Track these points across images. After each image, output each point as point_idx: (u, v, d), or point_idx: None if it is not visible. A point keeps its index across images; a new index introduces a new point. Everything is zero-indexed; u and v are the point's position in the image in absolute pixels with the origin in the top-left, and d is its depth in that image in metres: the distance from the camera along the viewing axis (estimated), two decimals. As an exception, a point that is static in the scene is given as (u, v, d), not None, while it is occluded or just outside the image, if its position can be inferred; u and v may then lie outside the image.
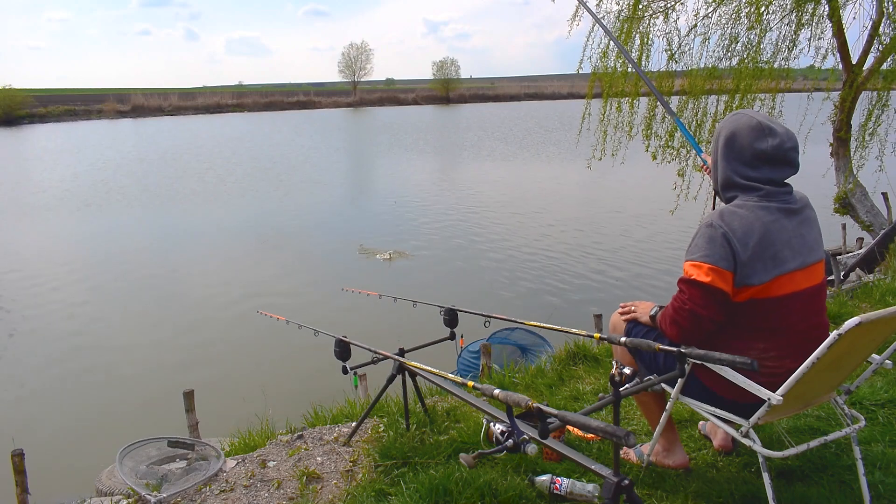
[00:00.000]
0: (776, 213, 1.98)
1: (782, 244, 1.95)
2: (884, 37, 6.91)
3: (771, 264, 1.93)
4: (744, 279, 1.93)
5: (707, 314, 1.95)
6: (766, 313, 1.97)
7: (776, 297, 1.95)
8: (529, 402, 1.59)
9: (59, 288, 11.02)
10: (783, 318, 1.98)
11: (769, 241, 1.94)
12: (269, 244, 13.62)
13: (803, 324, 2.00)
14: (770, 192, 1.99)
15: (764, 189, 1.99)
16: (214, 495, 2.48)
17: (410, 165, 26.81)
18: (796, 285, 1.96)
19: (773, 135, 1.99)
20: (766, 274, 1.93)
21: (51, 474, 5.24)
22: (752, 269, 1.92)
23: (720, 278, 1.92)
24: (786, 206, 2.00)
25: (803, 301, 1.99)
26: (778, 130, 2.01)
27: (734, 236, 1.93)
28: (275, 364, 7.66)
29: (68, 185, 21.74)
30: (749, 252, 1.92)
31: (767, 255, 1.93)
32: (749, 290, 1.94)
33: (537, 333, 5.69)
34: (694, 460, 2.47)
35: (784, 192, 2.02)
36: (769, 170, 1.99)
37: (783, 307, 1.97)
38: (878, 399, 2.86)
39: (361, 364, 2.64)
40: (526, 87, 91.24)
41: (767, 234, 1.94)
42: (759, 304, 1.96)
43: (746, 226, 1.94)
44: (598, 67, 8.05)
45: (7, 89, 58.18)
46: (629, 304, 2.35)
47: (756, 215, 1.96)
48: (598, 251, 12.28)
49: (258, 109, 68.81)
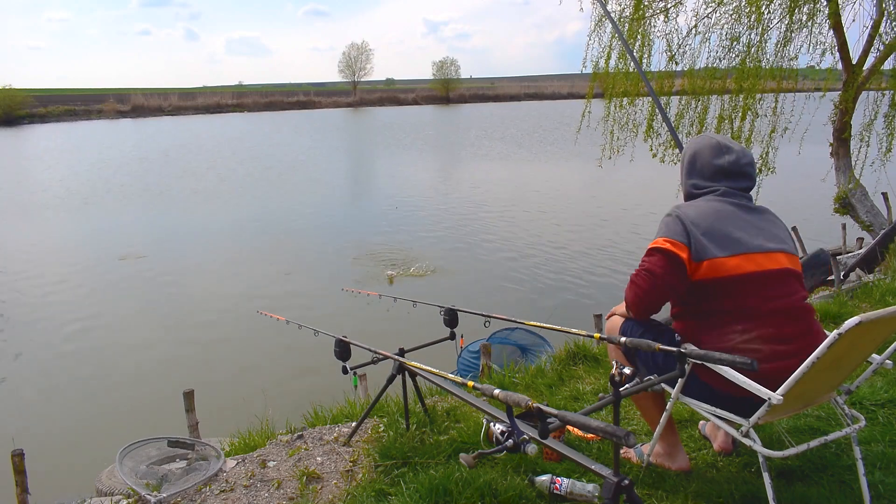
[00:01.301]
0: (731, 206, 2.14)
1: (736, 228, 2.09)
2: (884, 36, 6.92)
3: (726, 242, 2.06)
4: (700, 254, 2.04)
5: (662, 274, 2.06)
6: (732, 293, 2.05)
7: (737, 276, 2.04)
8: (529, 402, 1.59)
9: (59, 287, 11.02)
10: (749, 297, 2.04)
11: (722, 224, 2.09)
12: (270, 244, 13.62)
13: (774, 303, 2.05)
14: (727, 192, 2.18)
15: (721, 189, 2.18)
16: (214, 495, 2.48)
17: (410, 165, 26.82)
18: (757, 265, 2.06)
19: (730, 152, 2.21)
20: (721, 251, 2.04)
21: (51, 474, 5.24)
22: (706, 245, 2.05)
23: (676, 247, 2.06)
24: (741, 202, 2.17)
25: (768, 281, 2.06)
26: (734, 148, 2.23)
27: (688, 219, 2.10)
28: (275, 364, 7.66)
29: (69, 185, 21.75)
30: (702, 230, 2.07)
31: (720, 234, 2.07)
32: (707, 265, 2.04)
33: (537, 333, 5.69)
34: (694, 460, 2.47)
35: (741, 195, 2.18)
36: (727, 182, 2.19)
37: (747, 286, 2.04)
38: (878, 399, 2.86)
39: (361, 364, 2.64)
40: (526, 87, 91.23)
41: (720, 218, 2.10)
42: (722, 284, 2.05)
43: (700, 212, 2.12)
44: (601, 67, 8.07)
45: (7, 89, 58.19)
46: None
47: (710, 205, 2.15)
48: (598, 251, 12.28)
49: (258, 109, 68.80)
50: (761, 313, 2.03)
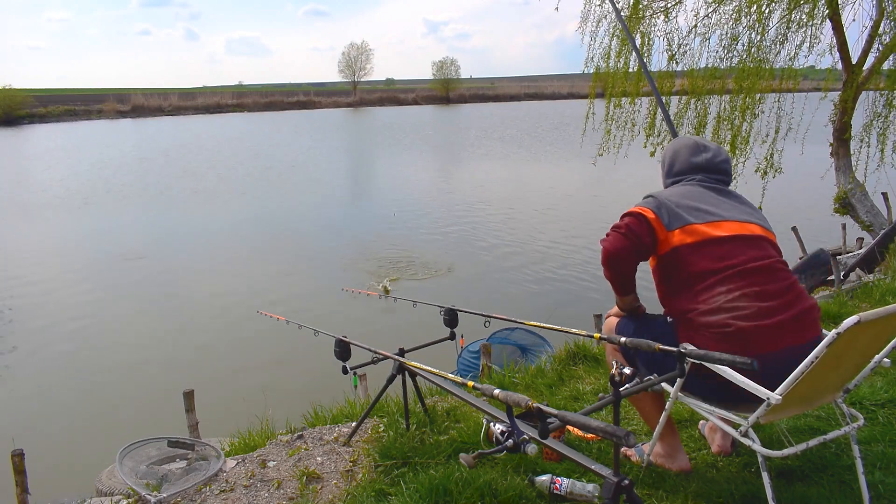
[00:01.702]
0: (704, 188, 2.29)
1: (708, 204, 2.21)
2: (884, 36, 6.92)
3: (699, 213, 2.17)
4: (673, 223, 2.16)
5: (629, 229, 2.17)
6: (710, 254, 2.11)
7: (713, 238, 2.13)
8: (529, 402, 1.59)
9: (59, 287, 11.02)
10: (727, 258, 2.10)
11: (695, 200, 2.22)
12: (269, 244, 13.62)
13: (753, 263, 2.10)
14: (703, 179, 2.32)
15: (697, 178, 2.33)
16: (214, 495, 2.48)
17: (410, 165, 26.81)
18: (730, 230, 2.15)
19: (707, 150, 2.37)
20: (694, 218, 2.16)
21: (51, 474, 5.24)
22: (681, 214, 2.16)
23: (645, 211, 2.19)
24: (715, 186, 2.31)
25: (744, 244, 2.14)
26: (711, 147, 2.39)
27: (661, 195, 2.25)
28: (275, 364, 7.66)
29: (69, 185, 21.75)
30: (674, 202, 2.20)
31: (693, 207, 2.19)
32: (680, 231, 2.14)
33: (537, 333, 5.69)
34: (694, 460, 2.47)
35: (717, 182, 2.32)
36: (703, 174, 2.34)
37: (724, 246, 2.12)
38: (878, 399, 2.86)
39: (361, 364, 2.64)
40: (526, 87, 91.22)
41: (693, 196, 2.24)
42: (698, 247, 2.12)
43: (674, 191, 2.28)
44: (601, 67, 8.07)
45: (7, 89, 58.17)
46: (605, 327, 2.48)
47: (685, 188, 2.30)
48: (598, 251, 12.25)
49: (258, 109, 68.78)
50: (742, 272, 2.07)
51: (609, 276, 2.27)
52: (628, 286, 2.30)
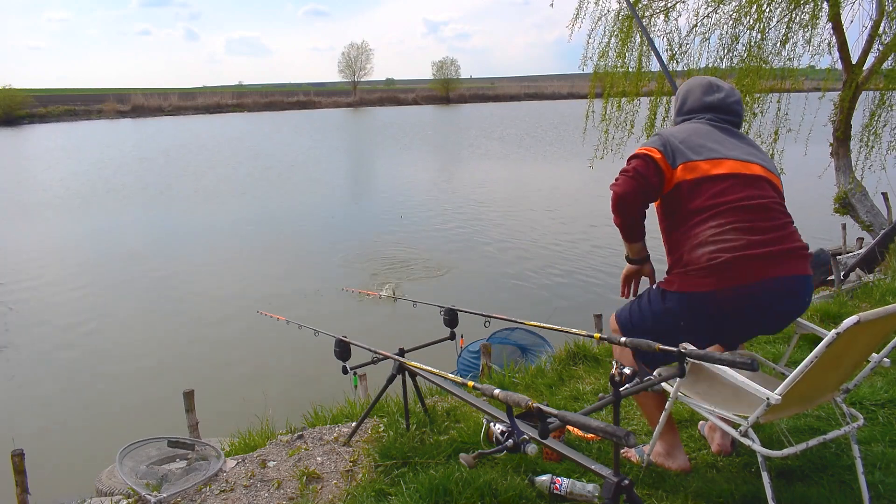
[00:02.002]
0: (712, 126, 2.29)
1: (713, 141, 2.22)
2: (884, 36, 6.92)
3: (701, 150, 2.19)
4: (675, 159, 2.17)
5: (636, 172, 2.16)
6: (706, 192, 2.13)
7: (712, 175, 2.15)
8: (529, 402, 1.59)
9: (59, 287, 11.02)
10: (722, 195, 2.13)
11: (699, 137, 2.23)
12: (270, 244, 13.62)
13: (748, 201, 2.13)
14: (712, 118, 2.33)
15: (707, 117, 2.33)
16: (214, 495, 2.48)
17: (410, 165, 26.82)
18: (730, 168, 2.17)
19: (720, 90, 2.37)
20: (695, 155, 2.17)
21: (51, 474, 5.25)
22: (683, 151, 2.18)
23: (651, 151, 2.19)
24: (724, 126, 2.31)
25: (742, 182, 2.16)
26: (724, 87, 2.39)
27: (666, 133, 2.27)
28: (275, 364, 7.66)
29: (69, 185, 21.75)
30: (679, 139, 2.21)
31: (696, 143, 2.20)
32: (682, 168, 2.16)
33: (537, 333, 5.69)
34: (694, 460, 2.47)
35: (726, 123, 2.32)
36: (714, 114, 2.34)
37: (721, 184, 2.14)
38: (877, 399, 2.86)
39: (361, 364, 2.64)
40: (526, 87, 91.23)
41: (699, 133, 2.25)
42: (696, 184, 2.15)
43: (680, 129, 2.29)
44: (600, 66, 8.06)
45: (7, 89, 58.19)
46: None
47: (692, 125, 2.31)
48: (598, 251, 12.27)
49: (258, 109, 68.78)
50: (736, 208, 2.11)
51: (619, 221, 2.29)
52: (637, 232, 2.33)
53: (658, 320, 2.23)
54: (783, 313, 2.19)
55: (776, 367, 2.44)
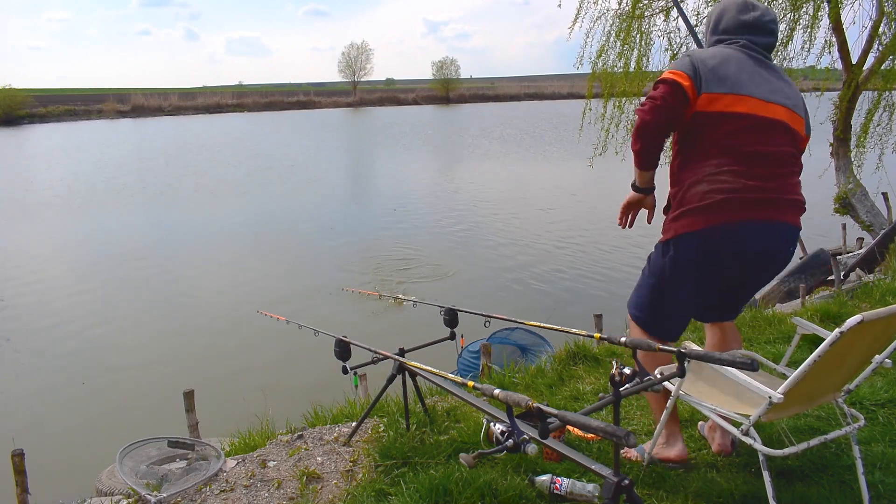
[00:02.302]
0: (744, 55, 2.24)
1: (742, 72, 2.18)
2: (883, 37, 6.91)
3: (726, 82, 2.15)
4: (700, 87, 2.14)
5: (664, 100, 2.15)
6: (717, 128, 2.15)
7: (726, 113, 2.15)
8: (529, 402, 1.59)
9: (59, 287, 11.02)
10: (731, 136, 2.15)
11: (728, 66, 2.18)
12: (270, 243, 13.61)
13: (754, 147, 2.15)
14: (746, 44, 2.26)
15: (742, 42, 2.26)
16: (214, 495, 2.48)
17: (410, 165, 26.81)
18: (749, 108, 2.16)
19: (756, 9, 2.30)
20: (718, 87, 2.15)
21: (51, 474, 5.24)
22: (708, 80, 2.14)
23: (679, 77, 2.15)
24: (757, 55, 2.25)
25: (756, 127, 2.17)
26: (759, 6, 2.33)
27: (697, 55, 2.21)
28: (275, 364, 7.66)
29: (69, 184, 21.74)
30: (708, 67, 2.16)
31: (723, 73, 2.16)
32: (704, 98, 2.15)
33: (537, 333, 5.68)
34: (694, 460, 2.47)
35: (760, 52, 2.27)
36: (749, 35, 2.28)
37: (732, 124, 2.15)
38: (878, 399, 2.86)
39: (361, 364, 2.64)
40: (526, 87, 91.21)
41: (728, 61, 2.19)
42: (710, 118, 2.16)
43: (712, 53, 2.23)
44: (597, 65, 8.05)
45: (7, 89, 58.14)
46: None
47: (725, 50, 2.24)
48: (598, 251, 12.27)
49: (258, 109, 68.77)
50: (738, 152, 2.13)
51: (638, 147, 2.27)
52: (653, 160, 2.32)
53: (662, 278, 2.31)
54: (764, 255, 2.23)
55: (777, 368, 2.44)
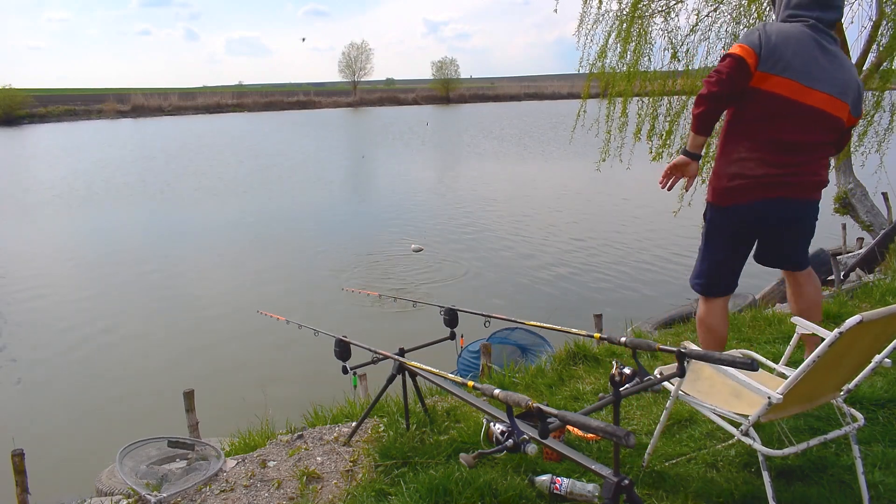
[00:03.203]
0: (812, 40, 2.42)
1: (797, 56, 2.38)
2: (883, 37, 6.91)
3: (782, 63, 2.37)
4: (764, 63, 2.37)
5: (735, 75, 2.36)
6: (762, 106, 2.41)
7: (771, 93, 2.39)
8: (529, 401, 1.59)
9: (59, 286, 11.02)
10: (772, 121, 2.41)
11: (788, 46, 2.38)
12: (270, 244, 13.61)
13: (787, 135, 2.43)
14: (815, 25, 2.44)
15: (811, 21, 2.44)
16: (214, 495, 2.48)
17: (410, 164, 26.81)
18: (794, 94, 2.38)
19: None
20: (773, 67, 2.37)
21: (51, 474, 5.24)
22: (766, 58, 2.36)
23: (745, 53, 2.37)
24: (823, 41, 2.43)
25: (795, 114, 2.41)
26: None
27: (765, 30, 2.41)
28: (275, 364, 7.66)
29: (70, 184, 21.75)
30: (772, 44, 2.37)
31: (781, 54, 2.37)
32: (764, 77, 2.37)
33: (537, 333, 5.69)
34: (694, 460, 2.47)
35: (826, 32, 2.45)
36: (820, 11, 2.45)
37: (776, 106, 2.40)
38: (878, 399, 2.86)
39: (361, 364, 2.64)
40: (526, 87, 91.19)
41: (789, 41, 2.39)
42: (758, 95, 2.40)
43: (781, 29, 2.42)
44: (597, 67, 8.04)
45: (7, 89, 58.13)
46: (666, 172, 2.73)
47: (795, 28, 2.43)
48: (598, 251, 12.27)
49: (258, 109, 68.77)
50: (776, 142, 2.43)
51: (700, 111, 2.46)
52: (709, 126, 2.51)
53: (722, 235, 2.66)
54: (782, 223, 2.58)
55: (777, 367, 2.44)
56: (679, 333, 4.48)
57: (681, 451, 2.54)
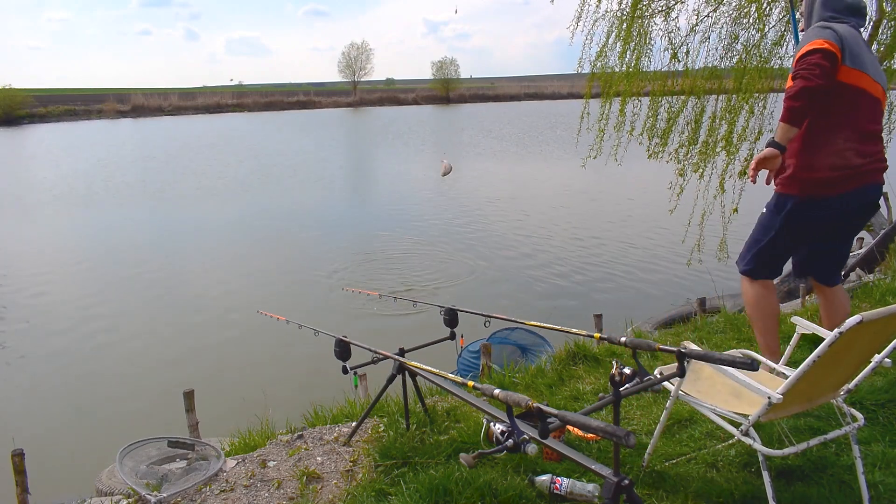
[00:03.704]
0: (859, 35, 2.71)
1: (863, 51, 2.67)
2: (883, 36, 6.91)
3: (857, 59, 2.61)
4: (844, 59, 2.57)
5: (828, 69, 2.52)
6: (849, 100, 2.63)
7: (857, 87, 2.62)
8: (529, 401, 1.59)
9: (59, 287, 11.02)
10: (858, 111, 2.65)
11: (857, 43, 2.65)
12: (270, 243, 13.61)
13: (868, 125, 2.70)
14: (855, 24, 2.73)
15: (853, 23, 2.72)
16: (214, 495, 2.48)
17: (410, 164, 26.79)
18: (868, 85, 2.65)
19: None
20: (853, 61, 2.59)
21: (51, 474, 5.24)
22: (847, 55, 2.58)
23: (832, 46, 2.54)
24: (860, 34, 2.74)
25: (870, 104, 2.69)
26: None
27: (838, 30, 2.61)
28: (275, 364, 7.66)
29: (69, 183, 21.74)
30: (847, 42, 2.59)
31: (856, 50, 2.61)
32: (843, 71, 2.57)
33: (537, 333, 5.68)
34: (694, 460, 2.47)
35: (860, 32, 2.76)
36: (855, 18, 2.73)
37: (859, 99, 2.65)
38: (878, 399, 2.86)
39: (361, 364, 2.64)
40: (526, 87, 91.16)
41: (856, 38, 2.67)
42: (846, 90, 2.61)
43: (846, 28, 2.65)
44: (597, 66, 8.03)
45: (7, 89, 58.12)
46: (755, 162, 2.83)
47: (848, 27, 2.67)
48: (598, 251, 12.27)
49: (258, 109, 68.74)
50: (859, 129, 2.66)
51: (800, 106, 2.55)
52: (803, 119, 2.61)
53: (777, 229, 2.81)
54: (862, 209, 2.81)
55: (776, 367, 2.44)
56: (679, 333, 4.48)
57: (681, 451, 2.54)
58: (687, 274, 9.56)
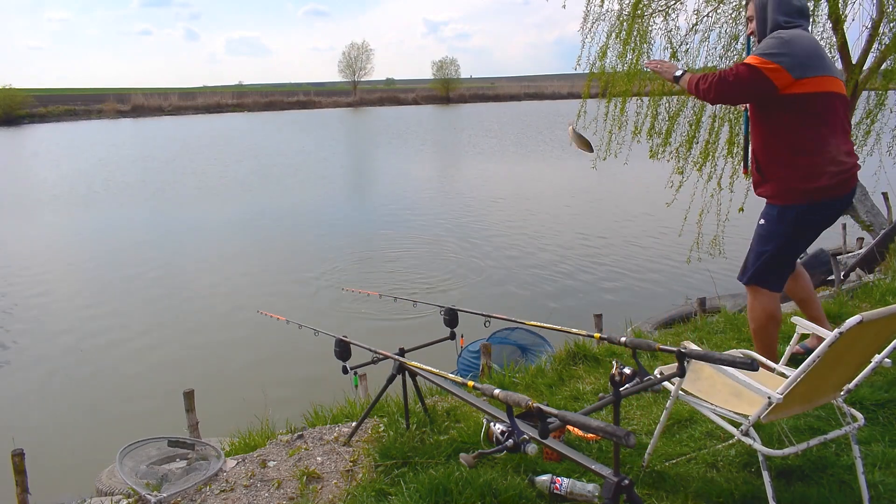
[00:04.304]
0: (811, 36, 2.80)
1: (817, 55, 2.74)
2: (884, 37, 6.91)
3: (816, 65, 2.69)
4: (802, 73, 2.66)
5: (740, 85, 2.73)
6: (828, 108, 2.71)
7: (828, 92, 2.71)
8: (529, 401, 1.59)
9: (59, 287, 11.02)
10: (834, 116, 2.72)
11: (811, 48, 2.73)
12: (270, 243, 13.61)
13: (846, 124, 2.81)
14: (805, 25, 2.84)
15: (805, 25, 2.83)
16: (214, 495, 2.48)
17: (410, 164, 26.80)
18: (835, 86, 2.74)
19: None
20: (813, 71, 2.67)
21: (51, 474, 5.24)
22: (805, 65, 2.66)
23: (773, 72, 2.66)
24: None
25: (843, 102, 2.80)
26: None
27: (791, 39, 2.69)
28: (275, 364, 7.66)
29: (69, 183, 21.75)
30: (802, 53, 2.68)
31: (813, 55, 2.70)
32: (805, 82, 2.65)
33: (537, 333, 5.68)
34: (694, 460, 2.47)
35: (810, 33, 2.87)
36: (803, 21, 2.83)
37: (833, 102, 2.72)
38: (878, 399, 2.86)
39: (361, 364, 2.64)
40: (526, 87, 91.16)
41: (808, 43, 2.73)
42: (813, 98, 2.68)
43: (797, 35, 2.73)
44: (596, 67, 8.02)
45: (7, 89, 58.14)
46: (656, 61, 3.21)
47: (802, 32, 2.77)
48: (598, 251, 12.27)
49: (258, 109, 68.75)
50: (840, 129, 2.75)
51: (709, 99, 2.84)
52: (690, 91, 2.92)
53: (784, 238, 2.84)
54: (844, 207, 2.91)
55: (776, 367, 2.44)
56: (679, 333, 4.47)
57: (681, 451, 2.54)
58: (687, 274, 9.57)
